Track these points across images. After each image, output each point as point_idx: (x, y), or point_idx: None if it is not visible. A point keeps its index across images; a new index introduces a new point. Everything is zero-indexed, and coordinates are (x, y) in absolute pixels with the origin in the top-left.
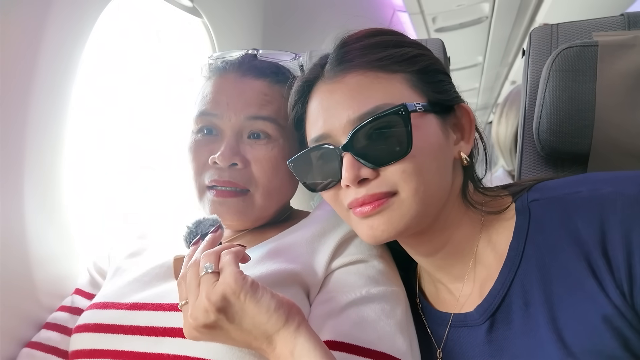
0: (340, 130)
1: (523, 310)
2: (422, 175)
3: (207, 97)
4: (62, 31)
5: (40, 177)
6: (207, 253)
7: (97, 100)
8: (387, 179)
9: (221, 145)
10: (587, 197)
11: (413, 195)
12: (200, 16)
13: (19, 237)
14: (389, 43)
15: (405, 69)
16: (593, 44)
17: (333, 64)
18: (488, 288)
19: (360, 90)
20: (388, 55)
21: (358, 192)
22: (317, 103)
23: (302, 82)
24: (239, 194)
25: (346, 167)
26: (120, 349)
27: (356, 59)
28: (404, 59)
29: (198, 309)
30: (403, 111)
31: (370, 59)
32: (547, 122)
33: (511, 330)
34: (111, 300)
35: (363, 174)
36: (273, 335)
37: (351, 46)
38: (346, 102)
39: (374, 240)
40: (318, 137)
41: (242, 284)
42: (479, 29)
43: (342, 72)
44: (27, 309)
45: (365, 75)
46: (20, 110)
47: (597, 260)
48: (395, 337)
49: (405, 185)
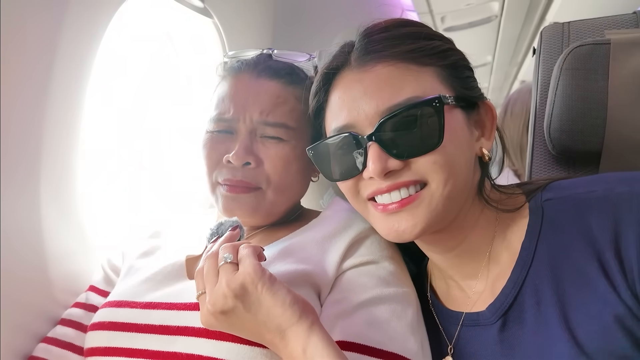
0: (367, 121)
1: (535, 309)
2: (452, 168)
3: (223, 101)
4: (78, 32)
5: (56, 174)
6: (225, 245)
7: (109, 100)
8: (416, 170)
9: (235, 144)
10: (602, 196)
11: (443, 186)
12: (211, 17)
13: (36, 234)
14: (420, 35)
15: (435, 62)
16: (605, 42)
17: (361, 52)
18: (500, 287)
19: (390, 82)
20: (420, 47)
21: (382, 183)
22: (342, 92)
23: (327, 69)
24: (251, 190)
25: (373, 158)
26: (134, 347)
27: (387, 49)
28: (434, 52)
29: (217, 295)
30: (437, 103)
31: (402, 50)
32: (558, 121)
33: (523, 330)
34: (125, 299)
35: (391, 166)
36: (286, 330)
37: (380, 35)
38: (375, 93)
39: (397, 238)
40: (342, 126)
41: (261, 275)
42: (488, 28)
43: (372, 62)
44: (43, 305)
45: (396, 66)
46: (37, 109)
47: (609, 260)
48: (406, 338)
49: (435, 176)
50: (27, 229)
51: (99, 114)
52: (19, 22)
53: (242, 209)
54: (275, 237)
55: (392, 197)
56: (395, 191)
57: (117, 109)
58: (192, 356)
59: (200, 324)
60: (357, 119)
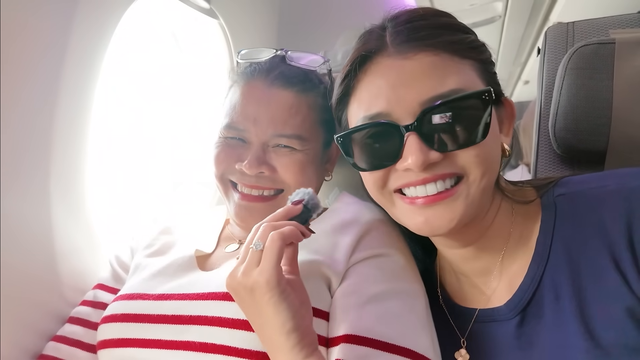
0: (406, 111)
1: (554, 304)
2: (490, 162)
3: (235, 109)
4: (88, 31)
5: (65, 172)
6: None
7: (117, 99)
8: (455, 163)
9: (247, 152)
10: (614, 190)
11: (480, 179)
12: (217, 17)
13: (45, 231)
14: (458, 27)
15: (475, 56)
16: (610, 42)
17: (402, 38)
18: (517, 283)
19: (433, 72)
20: (461, 40)
21: (418, 175)
22: (378, 77)
23: (364, 52)
24: (267, 199)
25: (413, 149)
26: (147, 338)
27: (430, 38)
28: (473, 47)
29: (236, 272)
30: (487, 96)
31: (444, 40)
32: (563, 120)
33: (542, 325)
34: (137, 291)
35: (432, 158)
36: (277, 350)
37: (420, 23)
38: (418, 82)
39: (430, 233)
40: (375, 114)
41: (273, 287)
42: (492, 28)
43: (414, 49)
44: (51, 303)
45: (439, 56)
46: (47, 108)
47: (621, 253)
48: (418, 333)
49: (475, 169)
50: (36, 227)
51: (108, 112)
52: (29, 22)
53: (256, 218)
54: None
55: (427, 190)
56: (432, 184)
57: (124, 108)
58: (205, 345)
59: (214, 313)
60: (394, 107)
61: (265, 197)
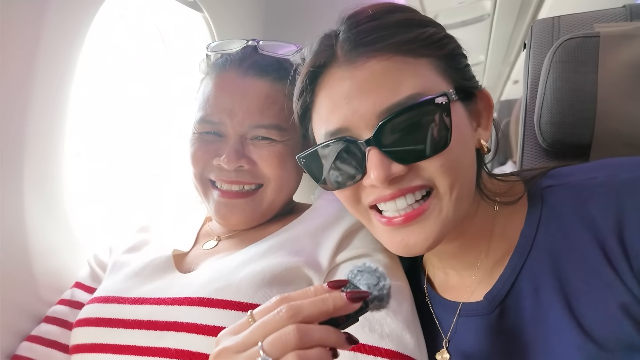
0: (363, 123)
1: (533, 297)
2: (459, 169)
3: (208, 101)
4: (62, 25)
5: (40, 171)
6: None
7: (97, 95)
8: (421, 174)
9: (225, 147)
10: (604, 182)
11: (450, 191)
12: (201, 10)
13: (19, 229)
14: (413, 22)
15: (432, 52)
16: (595, 35)
17: (350, 45)
18: (498, 274)
19: (386, 78)
20: (415, 37)
21: (385, 190)
22: (331, 91)
23: (312, 67)
24: (248, 194)
25: (375, 164)
26: (121, 344)
27: (379, 42)
28: (431, 42)
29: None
30: (444, 100)
31: (396, 42)
32: (548, 114)
33: (522, 319)
34: (113, 294)
35: (395, 172)
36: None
37: (369, 24)
38: (371, 92)
39: (407, 253)
40: (334, 130)
41: None
42: (481, 27)
43: (363, 57)
44: (27, 302)
45: (391, 60)
46: (19, 103)
47: (612, 248)
48: (403, 334)
49: (442, 179)
50: (11, 225)
51: (87, 109)
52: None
53: (237, 215)
54: (267, 232)
55: (397, 205)
56: (401, 198)
57: (105, 104)
58: (181, 352)
59: (190, 319)
60: (351, 121)
61: (246, 193)
